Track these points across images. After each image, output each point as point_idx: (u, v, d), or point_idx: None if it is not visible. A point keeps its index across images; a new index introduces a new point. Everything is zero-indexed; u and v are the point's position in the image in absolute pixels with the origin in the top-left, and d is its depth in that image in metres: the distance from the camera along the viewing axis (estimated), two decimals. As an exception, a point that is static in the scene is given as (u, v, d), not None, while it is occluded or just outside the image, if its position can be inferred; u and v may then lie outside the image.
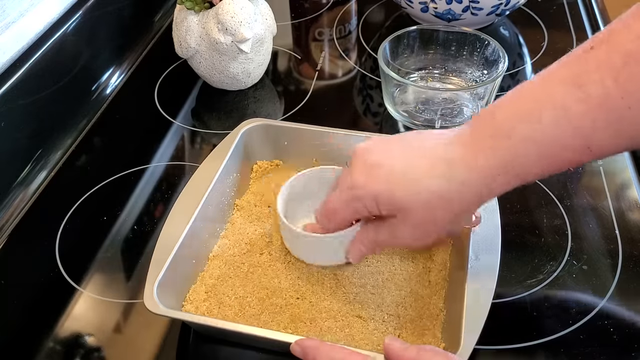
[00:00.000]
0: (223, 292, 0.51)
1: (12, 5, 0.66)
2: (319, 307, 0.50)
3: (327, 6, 0.94)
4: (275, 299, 0.50)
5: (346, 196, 0.46)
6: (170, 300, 0.47)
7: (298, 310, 0.49)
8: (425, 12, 0.82)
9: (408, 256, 0.53)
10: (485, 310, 0.44)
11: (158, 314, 0.45)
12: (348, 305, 0.50)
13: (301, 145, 0.61)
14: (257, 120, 0.61)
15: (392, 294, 0.50)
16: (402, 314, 0.49)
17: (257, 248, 0.55)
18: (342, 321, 0.49)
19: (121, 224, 0.60)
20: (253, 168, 0.62)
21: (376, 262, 0.53)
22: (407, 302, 0.50)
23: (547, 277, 0.54)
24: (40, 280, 0.56)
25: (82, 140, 0.71)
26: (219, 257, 0.54)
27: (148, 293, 0.46)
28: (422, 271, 0.52)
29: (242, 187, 0.60)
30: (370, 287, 0.51)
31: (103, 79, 0.79)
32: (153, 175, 0.66)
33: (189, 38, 0.72)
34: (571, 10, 0.90)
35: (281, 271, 0.53)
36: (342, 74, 0.82)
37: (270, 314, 0.49)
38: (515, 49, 0.85)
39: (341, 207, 0.47)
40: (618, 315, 0.50)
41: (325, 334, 0.48)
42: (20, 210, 0.62)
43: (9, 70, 0.64)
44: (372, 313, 0.49)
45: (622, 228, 0.57)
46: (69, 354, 0.50)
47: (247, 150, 0.61)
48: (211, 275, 0.52)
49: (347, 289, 0.51)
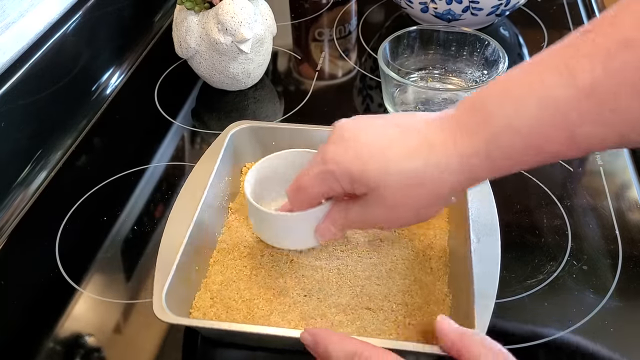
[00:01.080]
0: (229, 296, 0.51)
1: (12, 6, 0.66)
2: (327, 303, 0.50)
3: (327, 6, 0.94)
4: (283, 299, 0.50)
5: (318, 171, 0.44)
6: (178, 308, 0.47)
7: (307, 308, 0.49)
8: (425, 13, 0.82)
9: (408, 245, 0.54)
10: (493, 290, 0.45)
11: (170, 322, 0.45)
12: (356, 298, 0.50)
13: (289, 144, 0.60)
14: (243, 122, 0.62)
15: (398, 284, 0.51)
16: (409, 302, 0.50)
17: (256, 250, 0.55)
18: (353, 314, 0.49)
19: (121, 224, 0.60)
20: (242, 170, 0.62)
21: (377, 254, 0.54)
22: (412, 290, 0.50)
23: (547, 277, 0.54)
24: (40, 281, 0.56)
25: (82, 140, 0.71)
26: (220, 262, 0.54)
27: (157, 302, 0.45)
28: (422, 259, 0.53)
29: (234, 190, 0.60)
30: (375, 278, 0.52)
31: (103, 79, 0.79)
32: (153, 176, 0.66)
33: (189, 38, 0.72)
34: (571, 11, 0.90)
35: (285, 270, 0.53)
36: (342, 74, 0.82)
37: (279, 313, 0.49)
38: (515, 49, 0.85)
39: (313, 183, 0.45)
40: (618, 316, 0.50)
41: (337, 328, 0.48)
42: (20, 210, 0.62)
43: (9, 71, 0.64)
44: (380, 304, 0.50)
45: (622, 228, 0.57)
46: (69, 355, 0.50)
47: (236, 152, 0.61)
48: (214, 281, 0.52)
49: (353, 282, 0.51)
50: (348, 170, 0.42)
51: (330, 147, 0.44)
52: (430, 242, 0.54)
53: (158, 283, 0.47)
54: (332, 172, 0.43)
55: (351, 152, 0.42)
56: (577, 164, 0.65)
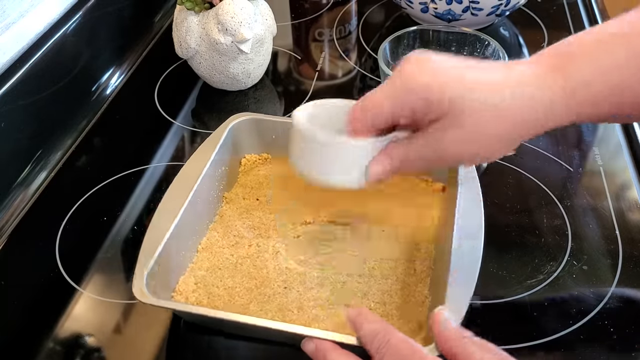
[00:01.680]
0: (212, 283, 0.52)
1: (12, 6, 0.66)
2: (307, 296, 0.50)
3: (327, 6, 0.94)
4: (263, 289, 0.51)
5: (393, 88, 0.41)
6: (160, 291, 0.48)
7: (286, 300, 0.50)
8: (425, 13, 0.82)
9: (394, 245, 0.54)
10: (467, 296, 0.44)
11: (148, 303, 0.45)
12: (335, 294, 0.50)
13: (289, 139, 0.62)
14: (245, 114, 0.62)
15: (379, 283, 0.51)
16: (388, 302, 0.50)
17: (245, 240, 0.55)
18: (330, 309, 0.49)
19: (121, 224, 0.60)
20: (241, 162, 0.63)
21: (362, 251, 0.54)
22: (393, 290, 0.51)
23: (547, 278, 0.54)
24: (40, 281, 0.56)
25: (82, 140, 0.71)
26: (208, 249, 0.55)
27: (138, 284, 0.46)
28: (407, 259, 0.53)
29: (230, 180, 0.61)
30: (357, 276, 0.52)
31: (103, 79, 0.79)
32: (153, 176, 0.66)
33: (189, 38, 0.72)
34: (571, 11, 0.90)
35: (269, 262, 0.53)
36: (342, 75, 0.82)
37: (258, 303, 0.50)
38: (515, 49, 0.85)
39: (383, 101, 0.42)
40: (618, 316, 0.50)
41: (313, 322, 0.48)
42: (20, 210, 0.62)
43: (9, 71, 0.64)
44: (359, 301, 0.50)
45: (622, 228, 0.57)
46: (69, 355, 0.50)
47: (236, 144, 0.62)
48: (200, 267, 0.53)
49: (334, 278, 0.52)
50: (427, 88, 0.40)
51: (407, 66, 0.41)
52: (418, 244, 0.54)
53: (140, 265, 0.48)
54: (408, 89, 0.40)
55: (430, 70, 0.40)
56: (577, 164, 0.65)
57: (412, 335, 0.42)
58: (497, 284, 0.53)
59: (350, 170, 0.45)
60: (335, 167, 0.46)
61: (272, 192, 0.60)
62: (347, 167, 0.45)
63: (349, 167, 0.45)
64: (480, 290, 0.52)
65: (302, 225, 0.57)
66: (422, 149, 0.42)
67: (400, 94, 0.41)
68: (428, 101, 0.40)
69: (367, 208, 0.57)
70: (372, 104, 0.43)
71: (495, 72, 0.41)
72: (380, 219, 0.56)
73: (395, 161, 0.44)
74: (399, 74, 0.41)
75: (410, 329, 0.47)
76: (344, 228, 0.56)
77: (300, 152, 0.47)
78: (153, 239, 0.50)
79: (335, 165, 0.46)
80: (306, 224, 0.57)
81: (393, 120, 0.43)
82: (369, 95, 0.43)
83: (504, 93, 0.39)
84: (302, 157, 0.47)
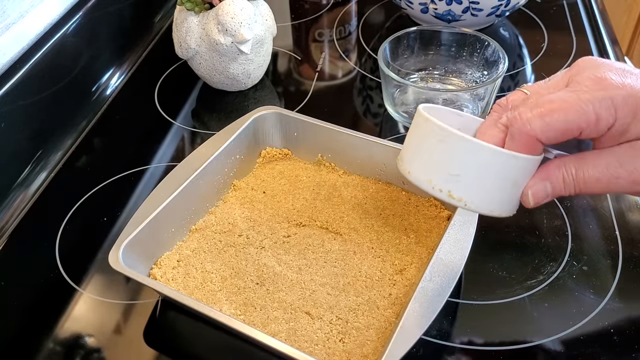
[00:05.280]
0: (192, 264, 0.53)
1: (12, 7, 0.66)
2: (273, 297, 0.50)
3: (327, 7, 0.94)
4: (236, 280, 0.51)
5: (589, 94, 0.36)
6: (139, 263, 0.49)
7: (253, 296, 0.50)
8: (425, 13, 0.82)
9: (378, 265, 0.52)
10: (419, 330, 0.42)
11: (117, 270, 0.47)
12: (301, 300, 0.50)
13: (311, 138, 0.62)
14: (271, 107, 0.63)
15: (349, 299, 0.50)
16: (350, 320, 0.48)
17: (237, 229, 0.56)
18: (291, 314, 0.49)
19: (121, 224, 0.60)
20: (261, 153, 0.63)
21: (343, 265, 0.53)
22: (360, 310, 0.49)
23: (547, 278, 0.54)
24: (40, 281, 0.56)
25: (82, 141, 0.71)
26: (200, 231, 0.55)
27: (114, 251, 0.47)
28: (386, 282, 0.51)
29: (244, 169, 0.62)
30: (330, 287, 0.51)
31: (103, 79, 0.79)
32: (153, 176, 0.66)
33: (189, 39, 0.72)
34: (571, 12, 0.90)
35: (251, 255, 0.53)
36: (342, 75, 0.82)
37: (227, 293, 0.50)
38: (515, 49, 0.85)
39: (576, 106, 0.35)
40: (618, 316, 0.50)
41: (270, 322, 0.48)
42: (20, 211, 0.62)
43: (9, 71, 0.64)
44: (321, 313, 0.49)
45: (622, 229, 0.57)
46: (69, 355, 0.50)
47: (257, 135, 0.63)
48: (188, 246, 0.54)
49: (306, 285, 0.51)
50: (628, 96, 0.36)
51: (607, 74, 0.36)
52: (403, 268, 0.52)
53: (124, 234, 0.49)
54: (611, 96, 0.36)
55: (633, 78, 0.36)
56: (577, 164, 0.65)
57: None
58: (497, 284, 0.53)
59: (503, 189, 0.37)
60: (486, 185, 0.37)
61: (279, 188, 0.60)
62: (496, 184, 0.37)
63: (498, 184, 0.37)
64: (481, 291, 0.52)
65: (295, 226, 0.56)
66: (607, 168, 0.37)
67: (596, 104, 0.36)
68: (637, 111, 0.36)
69: (364, 223, 0.56)
70: (556, 109, 0.36)
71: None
72: (373, 237, 0.55)
73: (568, 179, 0.38)
74: (599, 81, 0.37)
75: (363, 354, 0.46)
76: (334, 237, 0.55)
77: (430, 157, 0.39)
78: (144, 210, 0.51)
79: (487, 181, 0.37)
80: (300, 226, 0.56)
81: (572, 134, 0.37)
82: (554, 98, 0.37)
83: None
84: (432, 163, 0.39)
